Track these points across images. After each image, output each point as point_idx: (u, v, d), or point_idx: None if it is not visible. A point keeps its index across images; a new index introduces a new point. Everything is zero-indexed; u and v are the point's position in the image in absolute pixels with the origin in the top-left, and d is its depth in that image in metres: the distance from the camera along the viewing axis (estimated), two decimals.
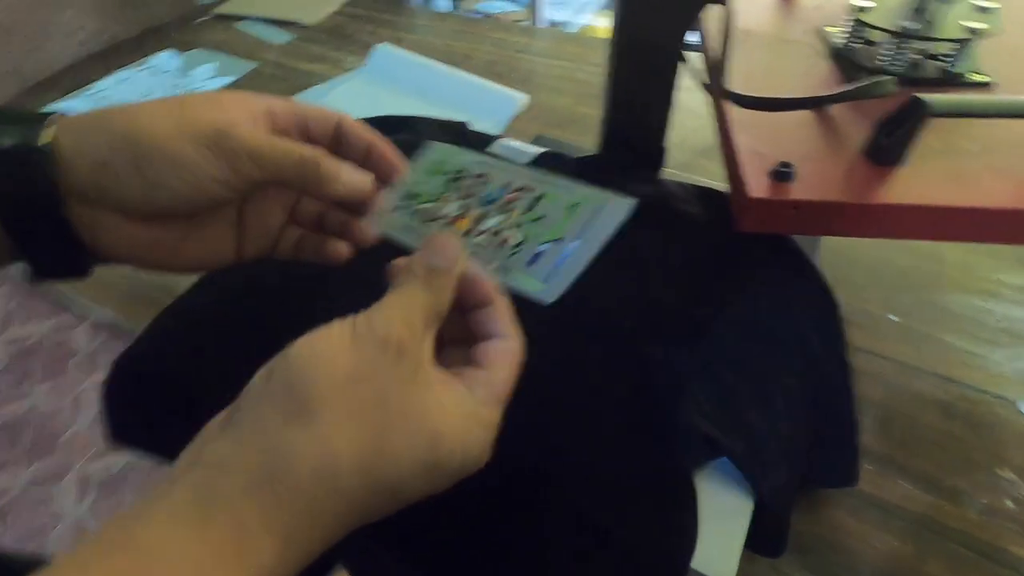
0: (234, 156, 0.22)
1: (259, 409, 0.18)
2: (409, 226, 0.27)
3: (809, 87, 0.41)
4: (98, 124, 0.22)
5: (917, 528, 0.36)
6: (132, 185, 0.22)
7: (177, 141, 0.22)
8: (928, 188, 0.32)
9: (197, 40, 0.93)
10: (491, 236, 0.25)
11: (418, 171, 0.29)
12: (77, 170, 0.21)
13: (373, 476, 0.18)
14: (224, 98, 0.24)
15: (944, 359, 0.45)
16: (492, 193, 0.27)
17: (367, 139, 0.27)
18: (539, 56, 0.85)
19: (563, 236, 0.25)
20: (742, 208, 0.33)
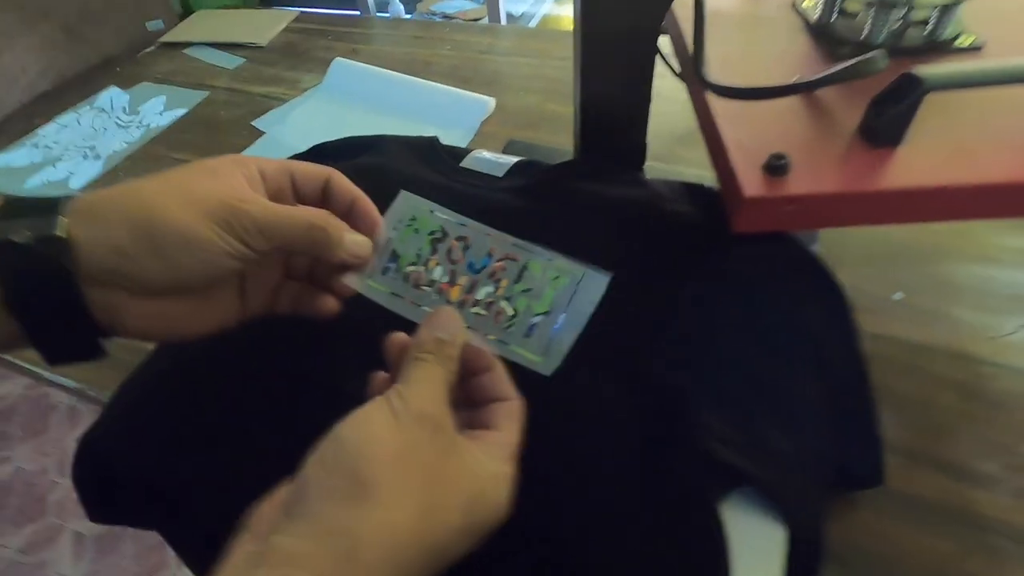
0: (244, 231, 0.23)
1: (320, 497, 0.19)
2: (398, 292, 0.28)
3: (789, 67, 0.39)
4: (112, 210, 0.22)
5: (952, 522, 0.34)
6: (151, 268, 0.22)
7: (192, 223, 0.22)
8: (932, 168, 0.30)
9: (143, 73, 0.88)
10: (485, 308, 0.27)
11: (395, 226, 0.30)
12: (94, 257, 0.22)
13: (426, 544, 0.19)
14: (220, 167, 0.25)
15: (955, 335, 0.43)
16: (477, 262, 0.28)
17: (352, 194, 0.28)
18: (503, 55, 0.82)
19: (550, 310, 0.27)
20: (736, 208, 0.31)
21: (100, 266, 0.22)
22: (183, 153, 0.71)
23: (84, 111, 0.81)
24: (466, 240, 0.29)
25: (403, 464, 0.19)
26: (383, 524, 0.18)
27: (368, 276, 0.28)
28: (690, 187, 0.40)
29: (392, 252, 0.29)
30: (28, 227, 0.21)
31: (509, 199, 0.40)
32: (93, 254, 0.22)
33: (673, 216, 0.37)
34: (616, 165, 0.43)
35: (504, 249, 0.28)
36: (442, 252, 0.29)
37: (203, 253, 0.23)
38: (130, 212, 0.22)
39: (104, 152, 0.73)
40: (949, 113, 0.33)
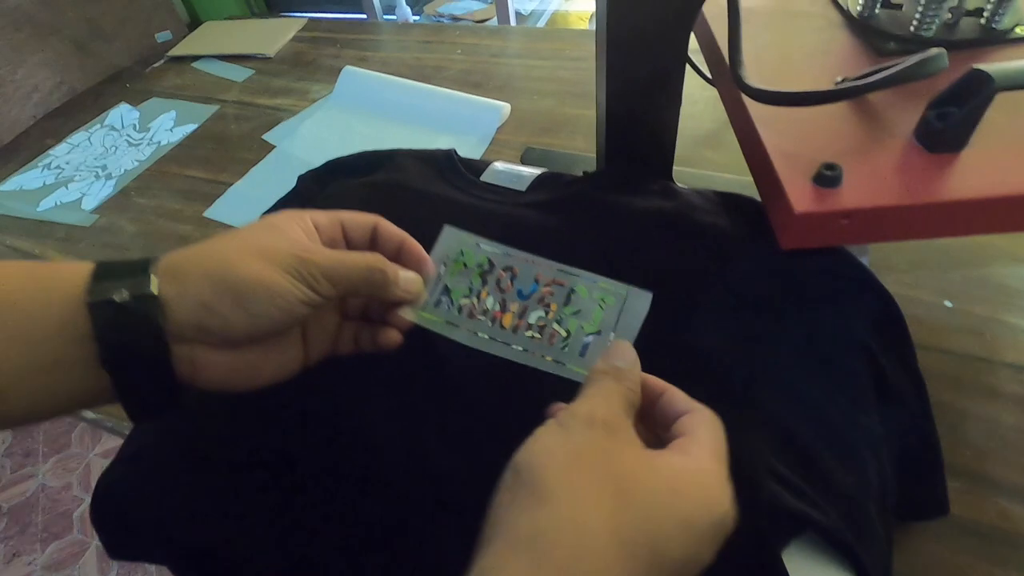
0: (312, 278, 0.25)
1: (507, 515, 0.20)
2: (453, 323, 0.29)
3: (830, 66, 0.36)
4: (195, 268, 0.24)
5: (1020, 552, 0.32)
6: (233, 319, 0.24)
7: (268, 274, 0.24)
8: (1001, 174, 0.27)
9: (153, 88, 0.88)
10: (538, 331, 0.28)
11: (444, 261, 0.31)
12: (182, 312, 0.23)
13: (627, 538, 0.19)
14: (279, 223, 0.27)
15: (1012, 344, 0.41)
16: (525, 289, 0.30)
17: (399, 237, 0.30)
18: (515, 58, 0.80)
19: (600, 329, 0.28)
20: (785, 224, 0.29)
21: (187, 321, 0.23)
22: (194, 170, 0.70)
23: (95, 130, 0.81)
24: (512, 270, 0.30)
25: (577, 466, 0.20)
26: (568, 521, 0.19)
27: (422, 309, 0.30)
28: (725, 197, 0.38)
29: (444, 287, 0.30)
30: (126, 287, 0.23)
31: (535, 216, 0.38)
32: (181, 310, 0.23)
33: (712, 230, 0.34)
34: (644, 174, 0.41)
35: (550, 275, 0.29)
36: (491, 283, 0.30)
37: (280, 300, 0.24)
38: (212, 269, 0.24)
39: (115, 171, 0.72)
40: (1014, 111, 0.30)
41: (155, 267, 0.24)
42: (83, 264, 0.24)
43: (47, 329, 0.22)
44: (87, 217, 0.66)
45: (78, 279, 0.23)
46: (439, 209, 0.40)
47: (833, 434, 0.27)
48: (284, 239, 0.26)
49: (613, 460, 0.20)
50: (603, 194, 0.39)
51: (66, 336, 0.22)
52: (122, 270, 0.23)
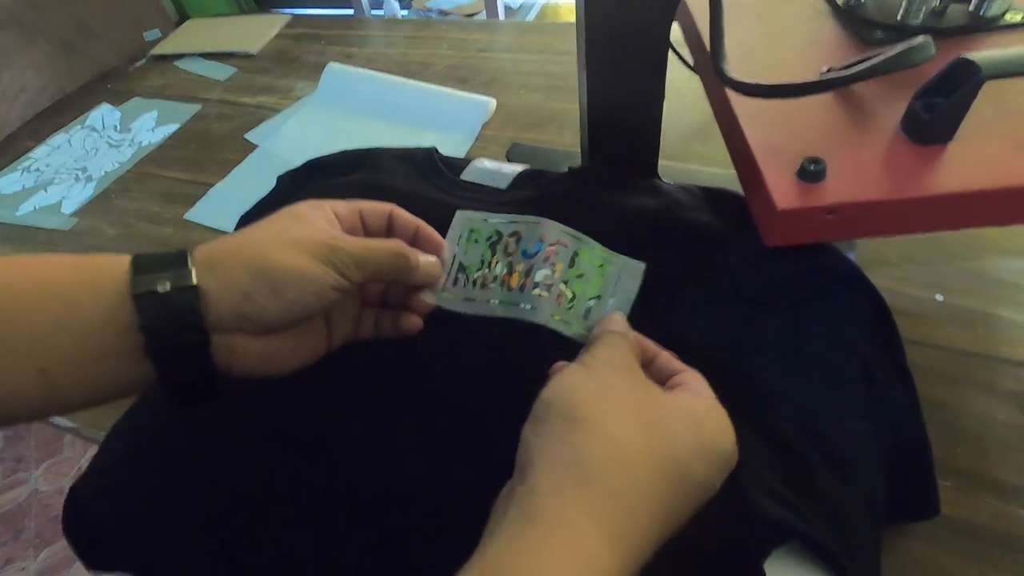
0: (343, 265, 0.26)
1: (541, 442, 0.21)
2: (469, 297, 0.30)
3: (815, 56, 0.35)
4: (231, 259, 0.25)
5: (1012, 552, 0.31)
6: (270, 306, 0.25)
7: (302, 263, 0.25)
8: (989, 166, 0.27)
9: (135, 88, 0.86)
10: (546, 289, 0.29)
11: (457, 242, 0.32)
12: (222, 302, 0.24)
13: (657, 456, 0.20)
14: (303, 213, 0.28)
15: (1005, 339, 0.40)
16: (530, 248, 0.30)
17: (415, 224, 0.32)
18: (503, 52, 0.78)
19: (600, 294, 0.29)
20: (768, 220, 0.28)
21: (227, 310, 0.24)
22: (175, 171, 0.69)
23: (75, 131, 0.79)
24: (518, 234, 0.31)
25: (606, 397, 0.22)
26: (602, 438, 0.20)
27: (441, 290, 0.31)
28: (710, 193, 0.37)
29: (460, 265, 0.31)
30: (167, 279, 0.23)
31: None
32: (221, 299, 0.24)
33: (696, 229, 0.34)
34: (628, 169, 0.40)
35: (555, 235, 0.30)
36: (500, 250, 0.31)
37: (313, 286, 0.26)
38: (249, 259, 0.25)
39: (96, 173, 0.71)
40: (999, 101, 0.29)
41: (192, 258, 0.25)
42: (122, 257, 0.25)
43: (95, 320, 0.23)
44: (66, 221, 0.65)
45: (120, 272, 0.24)
46: (419, 209, 0.38)
47: (822, 439, 0.26)
48: (312, 228, 0.27)
49: (637, 395, 0.22)
50: (585, 191, 0.38)
51: (113, 326, 0.23)
52: (162, 262, 0.24)
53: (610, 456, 0.20)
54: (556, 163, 0.55)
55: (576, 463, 0.20)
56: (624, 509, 0.19)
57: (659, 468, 0.20)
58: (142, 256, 0.24)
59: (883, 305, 0.30)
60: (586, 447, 0.20)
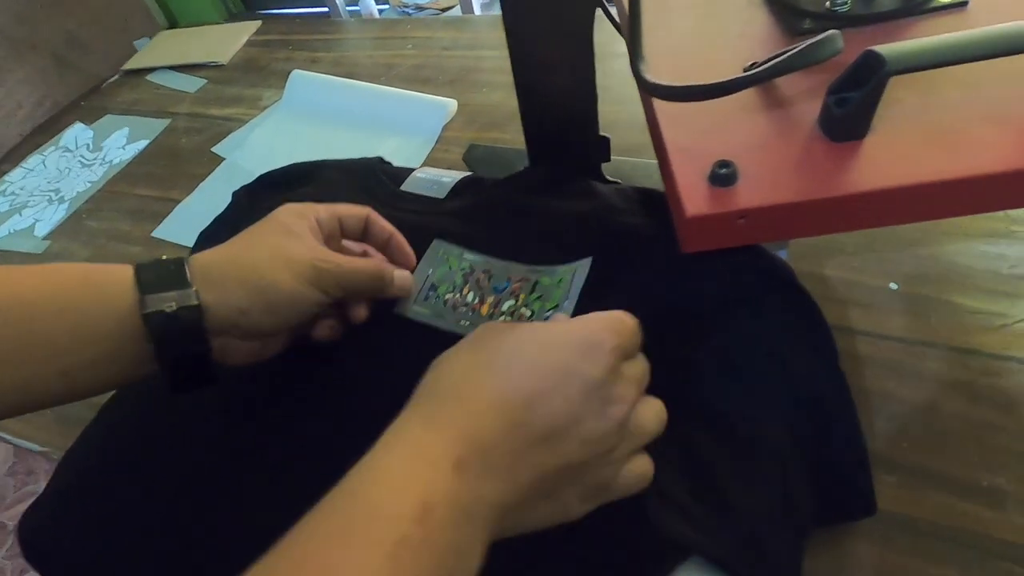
0: (328, 285, 0.29)
1: None
2: (440, 313, 0.33)
3: (747, 50, 0.34)
4: (230, 277, 0.28)
5: (957, 548, 0.31)
6: (264, 321, 0.28)
7: (296, 286, 0.28)
8: (906, 162, 0.26)
9: (108, 104, 0.87)
10: (510, 315, 0.32)
11: (433, 265, 0.36)
12: (220, 316, 0.27)
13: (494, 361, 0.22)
14: (291, 225, 0.30)
15: (958, 327, 0.39)
16: (500, 285, 0.34)
17: (388, 231, 0.34)
18: (467, 50, 0.78)
19: (558, 304, 0.32)
20: (682, 227, 0.27)
21: (224, 322, 0.27)
22: (144, 188, 0.69)
23: (50, 152, 0.80)
24: (490, 271, 0.35)
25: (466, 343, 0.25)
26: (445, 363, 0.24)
27: (413, 303, 0.34)
28: (645, 195, 0.36)
29: (432, 284, 0.35)
30: (173, 299, 0.26)
31: (454, 225, 0.37)
32: (219, 313, 0.27)
33: (627, 233, 0.33)
34: (568, 170, 0.40)
35: (520, 274, 0.34)
36: (471, 282, 0.34)
37: (304, 307, 0.29)
38: (247, 279, 0.28)
39: (68, 194, 0.72)
40: (923, 90, 0.28)
41: (190, 271, 0.27)
42: (124, 269, 0.27)
43: (108, 331, 0.26)
44: (39, 244, 0.66)
45: (125, 287, 0.26)
46: None
47: (738, 449, 0.26)
48: (301, 244, 0.30)
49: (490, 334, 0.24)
50: (522, 198, 0.37)
51: (124, 335, 0.26)
52: (165, 279, 0.27)
53: (448, 372, 0.23)
54: (513, 163, 0.55)
55: (421, 389, 0.23)
56: (447, 403, 0.22)
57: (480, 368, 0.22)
58: (144, 270, 0.27)
59: (810, 306, 0.30)
60: (432, 376, 0.23)
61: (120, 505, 0.32)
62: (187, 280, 0.27)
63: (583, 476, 0.21)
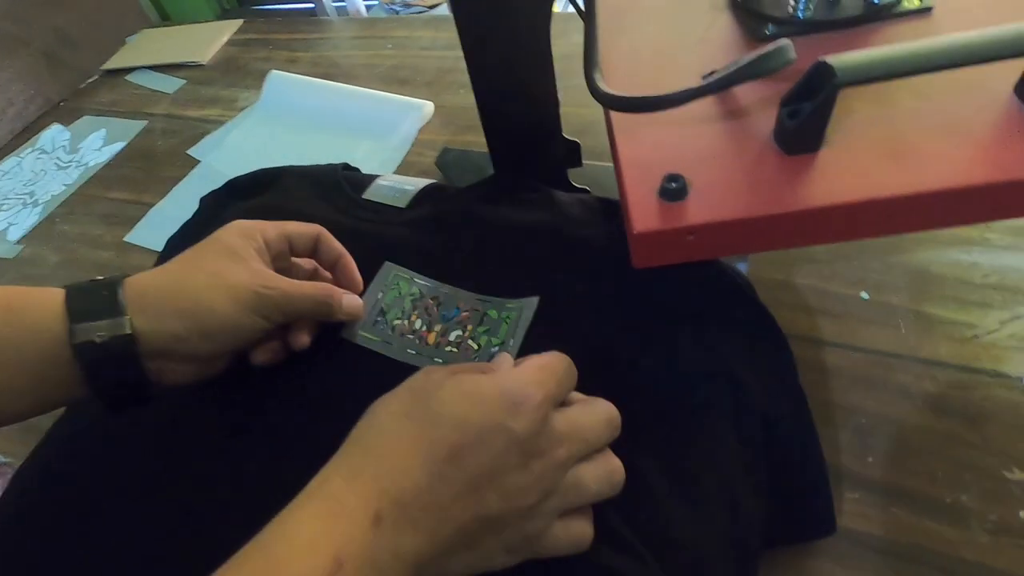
0: (270, 312, 0.29)
1: None
2: (388, 341, 0.33)
3: (708, 56, 0.34)
4: (166, 304, 0.27)
5: (919, 568, 0.30)
6: (201, 347, 0.28)
7: (235, 315, 0.28)
8: (861, 177, 0.25)
9: (86, 105, 0.86)
10: (456, 346, 0.32)
11: (382, 289, 0.35)
12: (155, 343, 0.27)
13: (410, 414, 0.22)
14: (236, 246, 0.29)
15: (928, 337, 0.38)
16: (448, 313, 0.34)
17: (337, 251, 0.34)
18: (445, 50, 0.77)
19: (504, 340, 0.31)
20: (631, 242, 0.27)
21: (159, 348, 0.27)
22: (118, 191, 0.68)
23: (27, 154, 0.79)
24: (438, 299, 0.34)
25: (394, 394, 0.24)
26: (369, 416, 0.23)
27: (361, 328, 0.33)
28: (607, 204, 0.35)
29: (380, 310, 0.34)
30: (103, 328, 0.25)
31: (412, 236, 0.37)
32: (154, 341, 0.27)
33: (584, 245, 0.32)
34: (532, 178, 0.39)
35: (469, 303, 0.33)
36: (420, 308, 0.34)
37: (242, 333, 0.28)
38: (183, 307, 0.27)
39: (42, 197, 0.71)
40: (878, 101, 0.28)
41: (123, 294, 0.26)
42: (53, 295, 0.26)
43: (34, 359, 0.25)
44: (11, 248, 0.65)
45: (53, 315, 0.25)
46: None
47: (682, 476, 0.25)
48: (244, 269, 0.29)
49: (423, 383, 0.23)
50: (481, 207, 0.37)
51: (53, 363, 0.25)
52: (95, 306, 0.26)
53: (377, 421, 0.23)
54: (484, 167, 0.54)
55: (350, 438, 0.22)
56: (371, 455, 0.21)
57: (408, 418, 0.22)
58: (75, 297, 0.26)
59: (768, 321, 0.29)
60: (362, 424, 0.23)
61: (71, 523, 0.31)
62: (120, 307, 0.26)
63: (505, 528, 0.21)
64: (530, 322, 0.31)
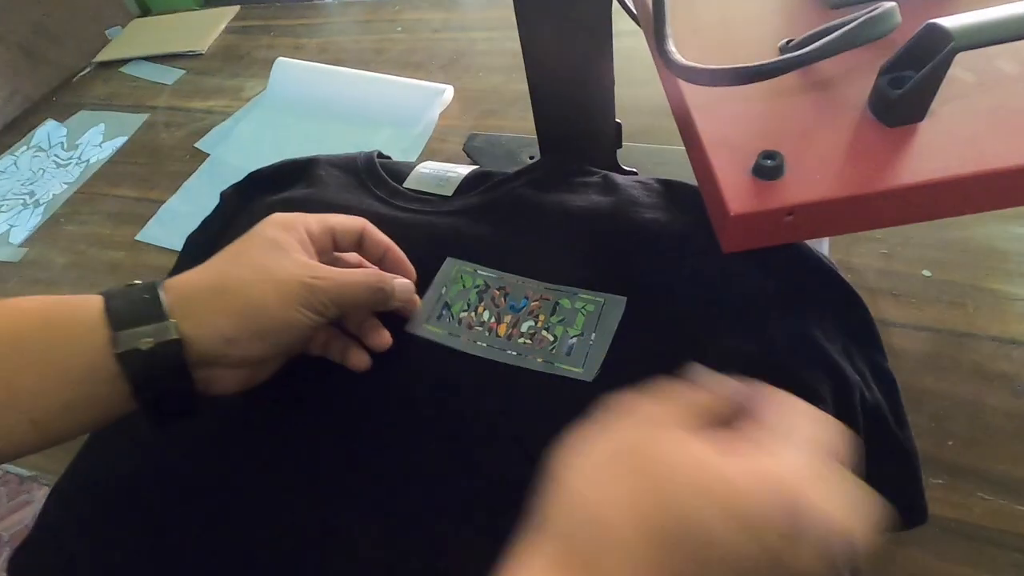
0: (322, 305, 0.27)
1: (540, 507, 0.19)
2: (455, 333, 0.32)
3: (778, 25, 0.32)
4: (214, 305, 0.25)
5: (1010, 552, 0.29)
6: (254, 348, 0.26)
7: (287, 312, 0.26)
8: (970, 148, 0.23)
9: (81, 99, 0.82)
10: (530, 338, 0.31)
11: (446, 284, 0.34)
12: (204, 347, 0.25)
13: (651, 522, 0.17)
14: (279, 239, 0.28)
15: (996, 314, 0.37)
16: (517, 304, 0.32)
17: (384, 244, 0.32)
18: (458, 31, 0.74)
19: (583, 332, 0.30)
20: (723, 225, 0.25)
21: (209, 354, 0.25)
22: (124, 188, 0.66)
23: (22, 152, 0.76)
24: (505, 289, 0.33)
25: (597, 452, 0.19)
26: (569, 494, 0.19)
27: (426, 322, 0.32)
28: (669, 187, 0.34)
29: (445, 303, 0.33)
30: (149, 334, 0.24)
31: (463, 225, 0.35)
32: (203, 345, 0.25)
33: (653, 230, 0.31)
34: (581, 162, 0.37)
35: (538, 292, 0.32)
36: (487, 300, 0.33)
37: (296, 331, 0.27)
38: (232, 306, 0.25)
39: (43, 197, 0.68)
40: (979, 67, 0.26)
41: (166, 298, 0.25)
42: (92, 303, 0.24)
43: (79, 375, 0.24)
44: (15, 252, 0.62)
45: (93, 323, 0.24)
46: None
47: None
48: (291, 262, 0.27)
49: (643, 449, 0.18)
50: (534, 194, 0.35)
51: (98, 378, 0.24)
52: (138, 310, 0.24)
53: (569, 499, 0.18)
54: (516, 152, 0.52)
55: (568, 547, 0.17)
56: (579, 545, 0.17)
57: (651, 537, 0.17)
58: (114, 301, 0.24)
59: (858, 304, 0.28)
60: (554, 506, 0.18)
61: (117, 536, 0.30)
62: (163, 310, 0.24)
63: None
64: (618, 322, 0.30)
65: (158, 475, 0.31)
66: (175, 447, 0.31)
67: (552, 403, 0.28)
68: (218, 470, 0.30)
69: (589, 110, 0.37)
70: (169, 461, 0.31)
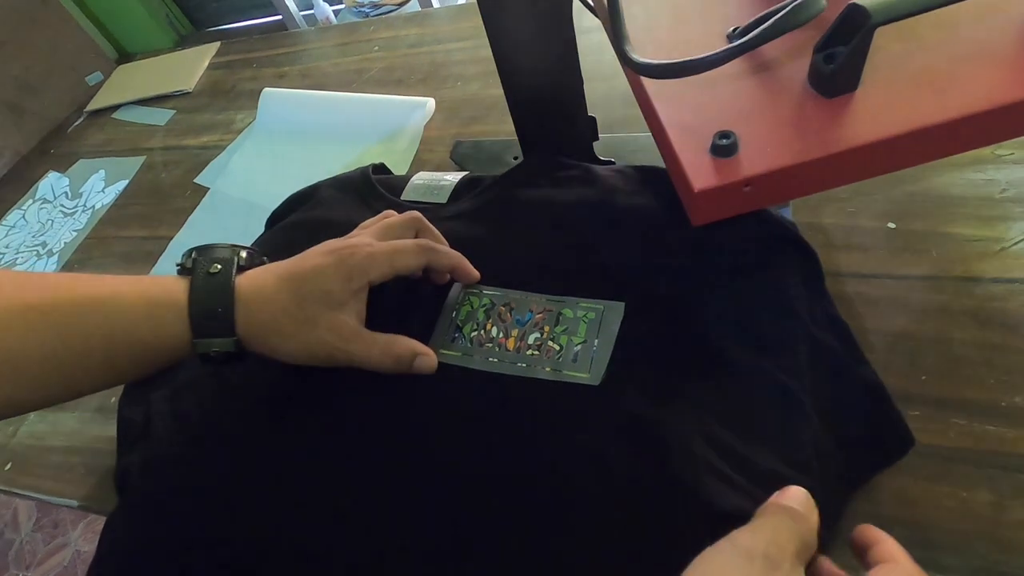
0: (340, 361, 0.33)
1: None
2: (468, 353, 0.34)
3: (724, 13, 0.35)
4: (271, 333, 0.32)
5: (984, 469, 0.32)
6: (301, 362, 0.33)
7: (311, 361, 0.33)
8: (901, 109, 0.26)
9: (78, 148, 0.85)
10: (537, 349, 0.33)
11: (457, 309, 0.36)
12: (258, 350, 0.32)
13: None
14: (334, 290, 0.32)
15: (958, 256, 0.40)
16: (522, 318, 0.35)
17: (450, 263, 0.35)
18: (434, 45, 0.77)
19: (586, 339, 0.33)
20: (690, 202, 0.28)
21: (262, 353, 0.33)
22: (131, 229, 0.69)
23: (28, 205, 0.79)
24: (510, 304, 0.35)
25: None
26: None
27: (441, 347, 0.35)
28: (643, 172, 0.37)
29: (456, 326, 0.35)
30: (217, 345, 0.31)
31: (460, 231, 0.38)
32: (258, 350, 0.32)
33: (634, 214, 0.34)
34: (563, 156, 0.40)
35: (541, 305, 0.35)
36: (494, 317, 0.35)
37: None
38: (285, 334, 0.32)
39: (55, 246, 0.71)
40: (904, 36, 0.29)
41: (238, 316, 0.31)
42: (178, 297, 0.31)
43: (165, 358, 0.32)
44: None
45: (182, 324, 0.31)
46: None
47: (767, 406, 0.27)
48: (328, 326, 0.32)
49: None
50: (521, 193, 0.38)
51: (176, 353, 0.32)
52: (214, 324, 0.31)
53: None
54: (500, 155, 0.55)
55: None
56: None
57: None
58: (196, 314, 0.30)
59: (814, 258, 0.31)
60: None
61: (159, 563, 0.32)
62: (233, 331, 0.31)
63: None
64: (617, 332, 0.32)
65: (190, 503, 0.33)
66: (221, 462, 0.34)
67: (563, 408, 0.30)
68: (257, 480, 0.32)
69: (562, 106, 0.40)
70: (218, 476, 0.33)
